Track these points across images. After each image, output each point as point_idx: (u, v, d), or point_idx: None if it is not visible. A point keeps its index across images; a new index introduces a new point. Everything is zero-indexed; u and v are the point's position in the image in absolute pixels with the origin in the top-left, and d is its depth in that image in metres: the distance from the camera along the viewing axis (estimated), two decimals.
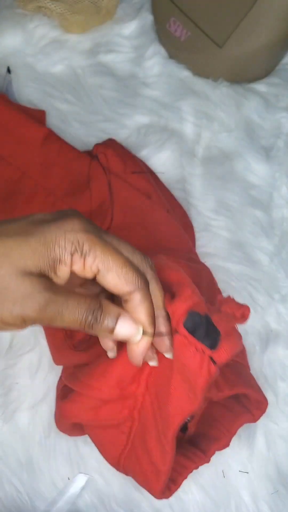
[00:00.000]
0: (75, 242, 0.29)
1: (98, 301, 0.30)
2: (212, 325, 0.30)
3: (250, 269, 0.57)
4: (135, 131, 0.63)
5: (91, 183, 0.54)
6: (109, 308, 0.30)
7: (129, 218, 0.52)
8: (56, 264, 0.29)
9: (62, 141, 0.57)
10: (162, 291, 0.33)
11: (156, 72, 0.68)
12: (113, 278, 0.29)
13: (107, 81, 0.66)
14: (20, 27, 0.66)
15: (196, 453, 0.43)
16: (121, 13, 0.71)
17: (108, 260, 0.29)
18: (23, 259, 0.28)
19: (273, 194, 0.62)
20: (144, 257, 0.32)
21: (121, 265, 0.29)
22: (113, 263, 0.29)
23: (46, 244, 0.28)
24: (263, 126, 0.67)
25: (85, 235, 0.29)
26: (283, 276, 0.57)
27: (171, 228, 0.53)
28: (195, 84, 0.68)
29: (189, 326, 0.31)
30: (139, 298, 0.30)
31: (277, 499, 0.47)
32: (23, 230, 0.29)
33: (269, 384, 0.51)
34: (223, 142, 0.65)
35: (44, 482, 0.45)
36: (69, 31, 0.68)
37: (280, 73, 0.71)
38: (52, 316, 0.28)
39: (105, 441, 0.41)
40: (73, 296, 0.29)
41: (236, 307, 0.32)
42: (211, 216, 0.59)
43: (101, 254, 0.29)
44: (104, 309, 0.30)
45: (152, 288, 0.32)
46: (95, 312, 0.29)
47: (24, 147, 0.54)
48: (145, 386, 0.37)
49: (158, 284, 0.33)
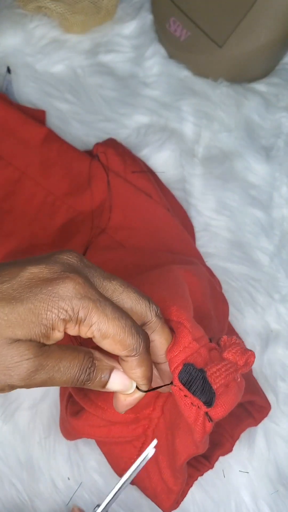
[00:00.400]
0: (69, 310, 0.27)
1: (91, 356, 0.29)
2: (207, 383, 0.29)
3: (250, 269, 0.57)
4: (135, 131, 0.63)
5: (92, 183, 0.54)
6: (102, 365, 0.29)
7: (130, 218, 0.52)
8: (48, 331, 0.27)
9: (62, 141, 0.57)
10: (169, 339, 0.31)
11: (156, 72, 0.68)
12: (110, 344, 0.28)
13: (107, 81, 0.66)
14: (20, 27, 0.66)
15: (201, 460, 0.43)
16: (121, 13, 0.71)
17: (104, 327, 0.27)
18: (11, 328, 0.26)
19: (273, 194, 0.62)
20: (149, 304, 0.30)
21: (119, 331, 0.27)
22: (110, 330, 0.27)
23: (36, 313, 0.26)
24: (263, 126, 0.67)
25: (79, 302, 0.27)
26: (283, 276, 0.57)
27: (174, 229, 0.52)
28: (195, 84, 0.68)
29: (185, 379, 0.30)
30: (135, 363, 0.29)
31: (277, 499, 0.47)
32: (11, 295, 0.27)
33: (269, 384, 0.51)
34: (223, 142, 0.65)
35: (44, 482, 0.45)
36: (69, 31, 0.68)
37: (280, 72, 0.71)
38: (43, 381, 0.27)
39: (116, 454, 0.40)
40: (64, 357, 0.27)
41: (240, 353, 0.31)
42: (211, 216, 0.59)
43: (97, 321, 0.27)
44: (97, 366, 0.29)
45: (157, 337, 0.31)
46: (88, 371, 0.28)
47: (24, 147, 0.54)
48: (161, 410, 0.37)
49: (164, 332, 0.31)
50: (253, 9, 0.62)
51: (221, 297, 0.51)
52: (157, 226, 0.52)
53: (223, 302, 0.50)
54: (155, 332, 0.31)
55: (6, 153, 0.54)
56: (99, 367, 0.29)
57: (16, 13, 0.67)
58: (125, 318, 0.28)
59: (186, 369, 0.30)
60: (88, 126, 0.63)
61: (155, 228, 0.52)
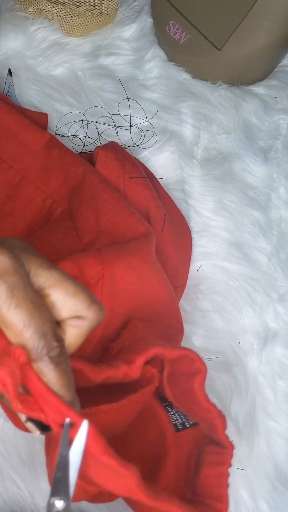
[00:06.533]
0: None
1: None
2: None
3: (249, 269, 0.57)
4: (135, 133, 0.64)
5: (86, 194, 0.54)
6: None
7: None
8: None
9: (62, 146, 0.57)
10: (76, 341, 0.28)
11: (156, 75, 0.69)
12: (9, 336, 0.26)
13: (107, 84, 0.67)
14: (21, 30, 0.67)
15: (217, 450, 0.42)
16: (121, 16, 0.71)
17: (5, 313, 0.25)
18: None
19: (271, 195, 0.63)
20: (88, 303, 0.27)
21: (20, 326, 0.25)
22: (11, 319, 0.25)
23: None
24: (261, 128, 0.67)
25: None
26: (281, 275, 0.58)
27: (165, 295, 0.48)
28: (194, 86, 0.69)
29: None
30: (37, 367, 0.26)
31: (276, 497, 0.47)
32: None
33: (268, 382, 0.51)
34: (222, 143, 0.65)
35: (45, 479, 0.45)
36: (70, 34, 0.68)
37: (278, 75, 0.72)
38: None
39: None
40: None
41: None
42: (210, 216, 0.60)
43: (6, 305, 0.25)
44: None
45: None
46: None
47: (26, 151, 0.54)
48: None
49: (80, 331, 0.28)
50: (252, 12, 0.62)
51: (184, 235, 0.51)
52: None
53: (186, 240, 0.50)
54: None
55: (7, 157, 0.54)
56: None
57: (17, 16, 0.68)
58: (38, 316, 0.26)
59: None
60: (88, 128, 0.63)
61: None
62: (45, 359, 0.26)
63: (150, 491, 0.29)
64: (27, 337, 0.25)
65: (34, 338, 0.25)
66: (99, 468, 0.28)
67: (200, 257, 0.57)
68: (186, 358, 0.38)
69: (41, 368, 0.26)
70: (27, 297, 0.25)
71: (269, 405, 0.50)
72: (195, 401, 0.39)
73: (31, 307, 0.25)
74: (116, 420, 0.35)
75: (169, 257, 0.52)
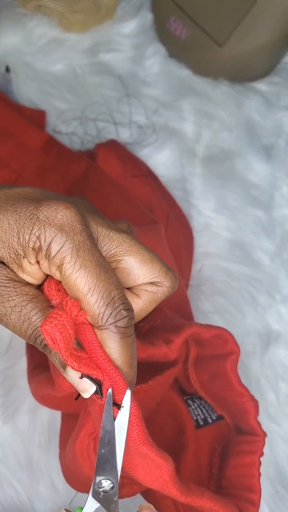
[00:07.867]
0: (42, 239, 0.23)
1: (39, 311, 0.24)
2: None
3: (251, 269, 0.56)
4: (135, 131, 0.63)
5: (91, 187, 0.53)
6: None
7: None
8: (19, 258, 0.23)
9: (60, 145, 0.56)
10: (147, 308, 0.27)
11: (156, 71, 0.68)
12: (78, 302, 0.23)
13: (106, 80, 0.66)
14: (20, 26, 0.66)
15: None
16: (121, 12, 0.70)
17: (74, 277, 0.23)
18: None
19: (274, 194, 0.62)
20: (165, 272, 0.25)
21: (90, 291, 0.23)
22: (79, 285, 0.23)
23: (9, 233, 0.23)
24: (263, 125, 0.67)
25: (54, 233, 0.22)
26: (284, 276, 0.57)
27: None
28: (196, 83, 0.68)
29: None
30: (104, 336, 0.24)
31: (278, 500, 0.47)
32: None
33: (270, 384, 0.51)
34: (223, 141, 0.64)
35: (44, 483, 0.45)
36: (69, 30, 0.67)
37: (281, 71, 0.71)
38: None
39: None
40: (12, 299, 0.23)
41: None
42: (212, 215, 0.59)
43: (69, 266, 0.22)
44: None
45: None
46: (32, 328, 0.23)
47: (23, 150, 0.54)
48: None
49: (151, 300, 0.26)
50: (254, 8, 0.62)
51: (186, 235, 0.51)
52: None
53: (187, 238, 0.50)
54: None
55: (4, 155, 0.54)
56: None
57: (15, 12, 0.67)
58: (106, 280, 0.23)
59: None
60: (88, 126, 0.63)
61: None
62: (111, 329, 0.23)
63: (183, 486, 0.28)
64: (92, 302, 0.23)
65: (100, 304, 0.23)
66: (132, 455, 0.27)
67: (202, 257, 0.56)
68: (218, 340, 0.37)
69: (105, 338, 0.23)
70: (94, 259, 0.23)
71: (271, 408, 0.50)
72: (227, 384, 0.37)
73: (98, 269, 0.23)
74: (143, 403, 0.34)
75: (173, 255, 0.51)
